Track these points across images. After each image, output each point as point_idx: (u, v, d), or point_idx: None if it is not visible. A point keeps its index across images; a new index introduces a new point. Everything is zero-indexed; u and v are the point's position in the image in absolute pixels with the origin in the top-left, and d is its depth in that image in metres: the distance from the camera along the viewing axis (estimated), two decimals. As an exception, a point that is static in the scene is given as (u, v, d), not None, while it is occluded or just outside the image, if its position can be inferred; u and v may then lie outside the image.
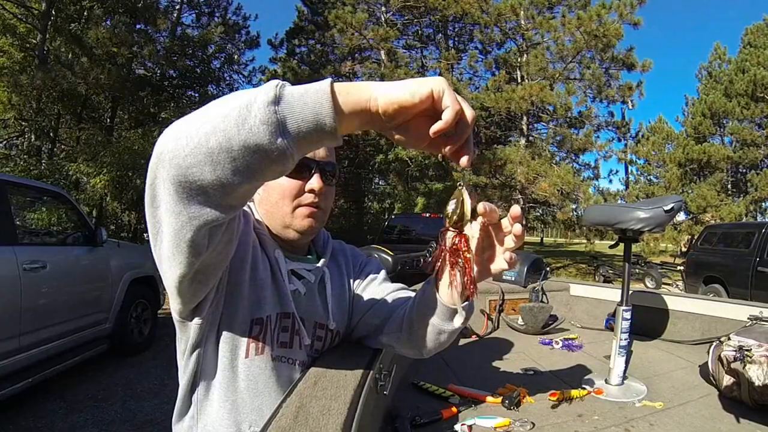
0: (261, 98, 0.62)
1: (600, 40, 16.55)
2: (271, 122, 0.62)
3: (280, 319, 1.05)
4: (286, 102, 0.62)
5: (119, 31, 13.42)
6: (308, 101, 0.63)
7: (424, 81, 0.65)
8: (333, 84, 0.65)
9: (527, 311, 2.47)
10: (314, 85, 0.64)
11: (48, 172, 11.54)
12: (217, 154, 0.63)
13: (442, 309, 0.94)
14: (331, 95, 0.63)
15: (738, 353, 1.53)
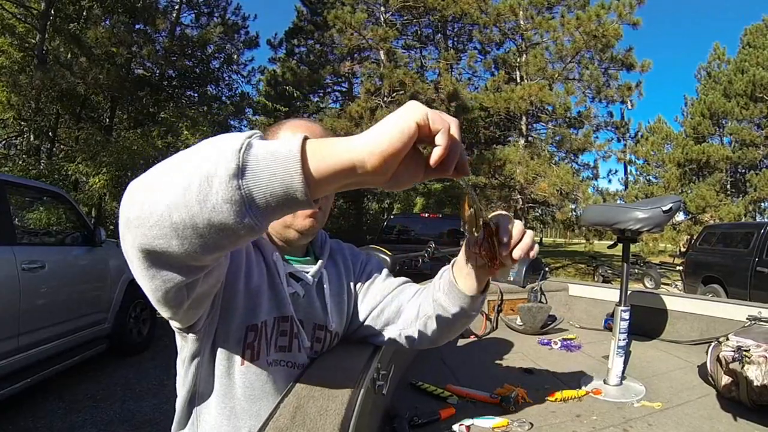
0: (222, 171, 0.54)
1: (599, 41, 16.58)
2: (235, 200, 0.54)
3: (278, 323, 1.05)
4: (251, 172, 0.54)
5: (118, 31, 13.42)
6: (277, 170, 0.55)
7: (404, 115, 0.58)
8: (305, 146, 0.57)
9: (526, 311, 2.47)
10: (284, 147, 0.56)
11: (47, 171, 11.53)
12: (182, 230, 0.57)
13: (463, 298, 1.00)
14: (302, 163, 0.55)
15: (736, 353, 1.53)
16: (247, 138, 0.56)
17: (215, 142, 0.58)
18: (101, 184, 11.56)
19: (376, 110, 16.92)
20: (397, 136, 0.56)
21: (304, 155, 0.56)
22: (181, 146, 14.05)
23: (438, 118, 0.59)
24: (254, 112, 19.95)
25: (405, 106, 0.60)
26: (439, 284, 1.07)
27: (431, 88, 17.17)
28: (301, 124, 1.11)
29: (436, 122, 0.58)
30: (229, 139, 0.57)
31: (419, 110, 0.58)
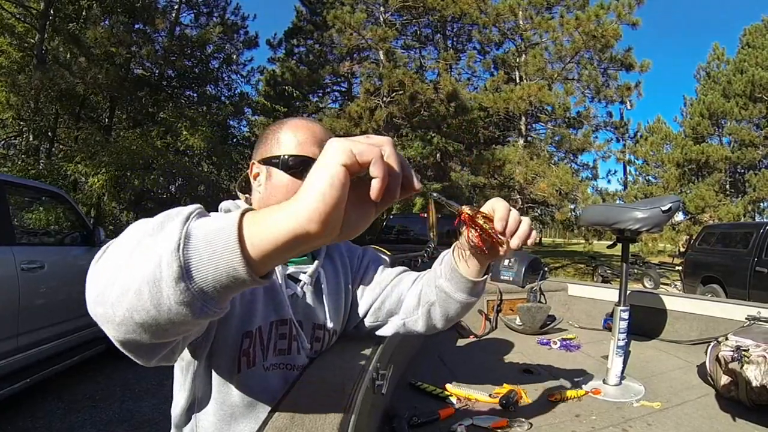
0: (167, 274, 0.51)
1: (598, 41, 16.59)
2: (187, 301, 0.53)
3: (276, 326, 1.05)
4: (195, 270, 0.52)
5: (117, 30, 13.43)
6: (219, 263, 0.52)
7: (328, 162, 0.53)
8: (242, 230, 0.53)
9: (525, 311, 2.47)
10: (221, 235, 0.53)
11: (46, 171, 11.52)
12: (147, 327, 0.56)
13: (466, 283, 1.03)
14: (241, 250, 0.52)
15: (735, 353, 1.54)
16: (184, 228, 0.54)
17: (154, 236, 0.56)
18: (100, 184, 11.57)
19: (375, 110, 16.92)
20: (327, 191, 0.51)
21: (242, 241, 0.53)
22: (181, 146, 14.08)
23: (365, 149, 0.53)
24: (253, 112, 19.93)
25: (325, 150, 0.54)
26: (440, 270, 1.08)
27: (430, 88, 17.16)
28: (302, 124, 1.11)
29: (364, 154, 0.52)
30: (166, 234, 0.54)
31: (341, 150, 0.52)
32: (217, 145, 15.20)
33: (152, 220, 0.59)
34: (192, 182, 14.50)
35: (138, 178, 12.26)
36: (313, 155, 1.04)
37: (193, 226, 0.54)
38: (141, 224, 0.60)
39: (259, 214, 0.55)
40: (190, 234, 0.53)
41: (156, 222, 0.58)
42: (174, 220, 0.55)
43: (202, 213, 0.59)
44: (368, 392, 1.02)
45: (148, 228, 0.58)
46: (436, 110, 17.12)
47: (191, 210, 0.57)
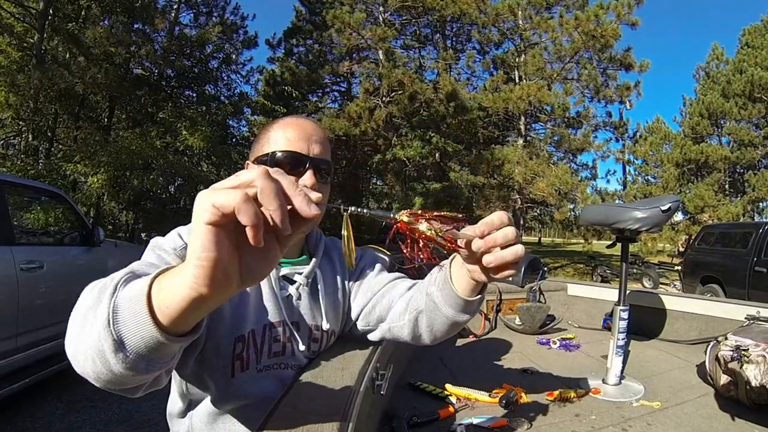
0: (107, 347, 0.56)
1: (598, 41, 16.61)
2: (131, 365, 0.57)
3: (269, 329, 1.05)
4: (127, 340, 0.55)
5: (117, 30, 13.42)
6: (143, 334, 0.55)
7: (194, 223, 0.48)
8: (151, 301, 0.54)
9: (525, 311, 2.47)
10: (137, 305, 0.54)
11: (45, 171, 11.51)
12: (115, 382, 0.61)
13: (458, 301, 0.91)
14: (155, 322, 0.54)
15: (735, 353, 1.54)
16: (111, 302, 0.57)
17: (95, 309, 0.59)
18: (100, 184, 11.56)
19: (374, 110, 16.92)
20: (201, 255, 0.48)
21: (153, 312, 0.54)
22: (180, 146, 14.07)
23: (225, 197, 0.46)
24: (253, 112, 19.92)
25: (194, 207, 0.49)
26: (435, 277, 0.99)
27: (430, 88, 17.17)
28: (291, 121, 1.11)
29: (224, 205, 0.46)
30: (100, 310, 0.57)
31: (201, 207, 0.47)
32: (216, 145, 15.19)
33: (96, 287, 0.64)
34: (191, 182, 14.50)
35: (137, 178, 12.25)
36: (301, 150, 1.05)
37: (119, 298, 0.57)
38: (88, 292, 0.65)
39: (164, 279, 0.55)
40: (117, 307, 0.56)
41: (96, 293, 0.62)
42: (105, 294, 0.59)
43: (131, 278, 0.62)
44: (368, 392, 1.02)
45: (91, 299, 0.62)
46: (435, 110, 17.12)
47: (119, 279, 0.61)
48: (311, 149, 1.06)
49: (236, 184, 0.48)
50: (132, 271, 0.65)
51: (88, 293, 0.64)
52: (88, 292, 0.64)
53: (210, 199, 0.46)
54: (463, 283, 0.88)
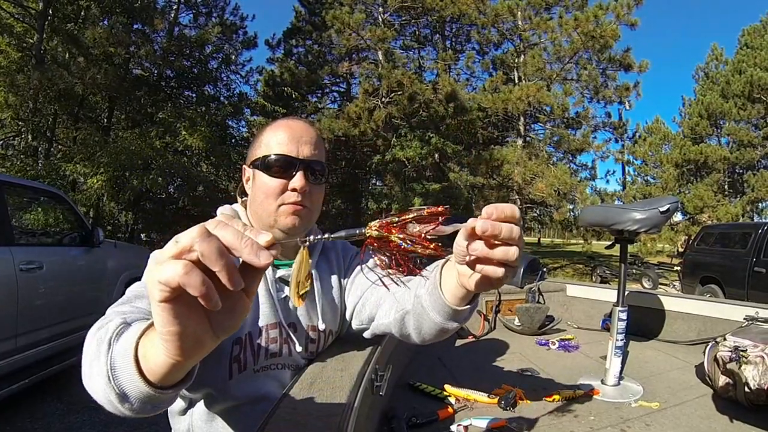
0: (113, 398, 0.61)
1: (597, 41, 16.60)
2: (138, 410, 0.62)
3: (266, 331, 1.05)
4: (129, 392, 0.59)
5: (116, 31, 13.40)
6: (139, 387, 0.58)
7: (150, 299, 0.47)
8: (138, 359, 0.57)
9: (524, 312, 2.47)
10: (128, 366, 0.58)
11: (45, 172, 11.50)
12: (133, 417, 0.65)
13: (446, 309, 0.85)
14: (145, 380, 0.57)
15: (734, 354, 1.54)
16: (108, 360, 0.61)
17: (98, 360, 0.64)
18: (99, 185, 11.55)
19: (374, 111, 16.91)
20: (163, 330, 0.48)
21: (142, 373, 0.57)
22: (180, 146, 14.06)
23: (170, 270, 0.44)
24: (252, 112, 19.90)
25: (146, 283, 0.50)
26: (426, 280, 0.92)
27: (429, 89, 17.15)
28: (282, 123, 1.11)
29: (171, 279, 0.44)
30: (100, 367, 0.62)
31: (151, 285, 0.46)
32: (215, 145, 15.16)
33: (96, 335, 0.68)
34: (191, 182, 14.47)
35: (137, 178, 12.22)
36: (290, 153, 1.05)
37: (114, 355, 0.61)
38: (91, 337, 0.70)
39: (146, 341, 0.57)
40: (114, 363, 0.61)
41: (95, 344, 0.66)
42: (102, 347, 0.64)
43: (123, 330, 0.65)
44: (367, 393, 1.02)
45: (93, 350, 0.66)
46: (434, 110, 17.11)
47: (113, 332, 0.65)
48: (301, 151, 1.06)
49: (176, 252, 0.45)
50: (124, 320, 0.68)
51: (91, 339, 0.69)
52: (91, 338, 0.69)
53: (156, 276, 0.45)
54: (453, 289, 0.81)
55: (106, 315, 0.77)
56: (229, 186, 16.67)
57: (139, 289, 0.87)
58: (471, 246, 0.64)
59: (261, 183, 1.07)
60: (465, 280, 0.74)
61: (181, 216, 15.38)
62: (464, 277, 0.74)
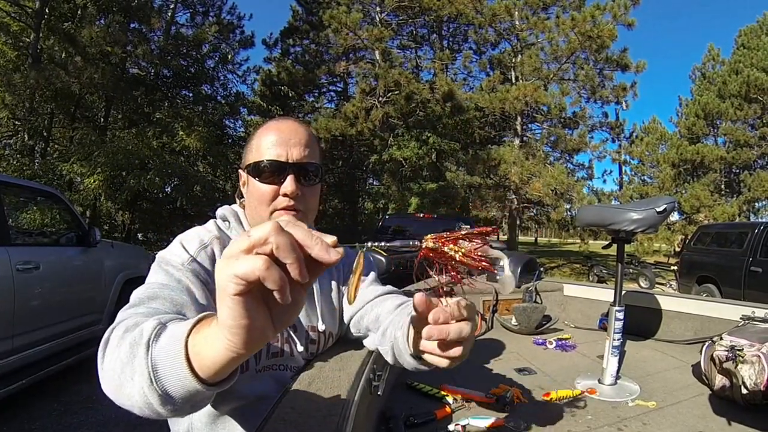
0: (154, 401, 0.61)
1: (594, 41, 16.62)
2: (178, 410, 0.63)
3: None
4: (173, 393, 0.60)
5: (113, 30, 13.36)
6: (187, 386, 0.58)
7: (220, 293, 0.48)
8: (189, 356, 0.57)
9: (521, 311, 2.48)
10: (177, 364, 0.58)
11: (41, 171, 11.48)
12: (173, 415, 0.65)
13: (409, 358, 0.88)
14: (194, 376, 0.57)
15: (730, 353, 1.55)
16: (149, 361, 0.61)
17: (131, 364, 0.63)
18: (96, 185, 11.53)
19: (371, 110, 16.93)
20: (236, 324, 0.49)
21: (193, 370, 0.57)
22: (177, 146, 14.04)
23: (245, 267, 0.46)
24: (249, 112, 19.88)
25: (217, 278, 0.49)
26: (403, 320, 0.95)
27: (426, 89, 17.18)
28: (272, 126, 1.10)
29: (251, 273, 0.45)
30: (138, 368, 0.61)
31: (225, 280, 0.47)
32: (213, 145, 15.16)
33: (125, 339, 0.67)
34: (188, 182, 14.44)
35: (134, 178, 12.19)
36: (279, 157, 1.04)
37: (156, 356, 0.60)
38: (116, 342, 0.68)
39: (199, 338, 0.57)
40: (156, 365, 0.60)
41: (127, 347, 0.64)
42: (139, 349, 0.62)
43: (161, 330, 0.64)
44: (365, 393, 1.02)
45: (125, 353, 0.64)
46: (432, 110, 17.13)
47: (150, 334, 0.63)
48: (290, 154, 1.05)
49: (249, 245, 0.47)
50: (159, 321, 0.66)
51: (119, 344, 0.67)
52: (117, 342, 0.67)
53: (232, 270, 0.46)
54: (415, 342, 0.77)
55: (122, 319, 0.75)
56: (226, 186, 16.66)
57: (151, 290, 0.87)
58: (421, 343, 0.69)
59: (254, 189, 1.06)
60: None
61: (178, 216, 15.36)
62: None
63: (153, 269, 0.95)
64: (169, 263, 0.95)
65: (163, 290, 0.86)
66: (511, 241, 18.83)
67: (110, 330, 0.73)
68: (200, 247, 0.99)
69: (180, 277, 0.92)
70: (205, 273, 0.96)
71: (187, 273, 0.93)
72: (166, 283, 0.90)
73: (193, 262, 0.95)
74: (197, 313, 0.81)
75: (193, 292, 0.91)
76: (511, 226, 19.47)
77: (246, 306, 0.48)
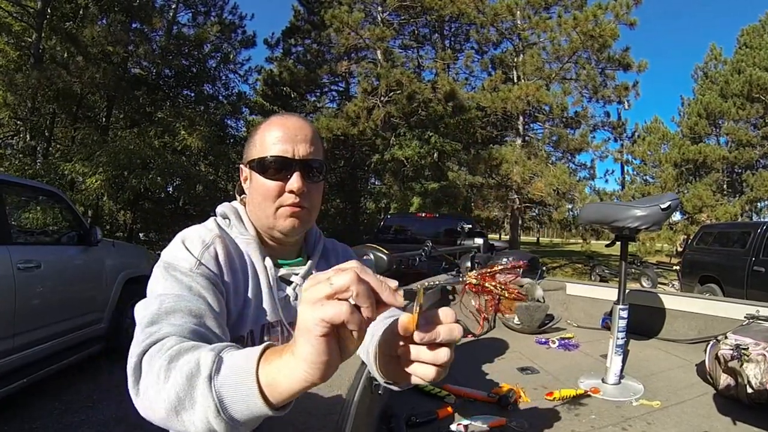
0: (220, 428, 0.62)
1: (596, 41, 16.61)
2: (249, 427, 0.64)
3: (267, 330, 1.04)
4: (240, 419, 0.62)
5: (115, 29, 13.35)
6: (254, 411, 0.61)
7: (306, 334, 0.55)
8: (261, 388, 0.60)
9: (523, 310, 2.46)
10: (250, 397, 0.60)
11: (43, 171, 11.46)
12: None
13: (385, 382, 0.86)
14: (265, 402, 0.60)
15: (735, 352, 1.53)
16: (213, 393, 0.61)
17: (191, 396, 0.64)
18: (98, 184, 11.51)
19: (372, 110, 16.93)
20: (318, 360, 0.55)
21: (266, 398, 0.60)
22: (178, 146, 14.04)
23: (335, 310, 0.53)
24: (251, 111, 19.88)
25: (301, 317, 0.55)
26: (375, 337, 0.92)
27: (428, 88, 17.17)
28: (276, 121, 1.07)
29: (337, 318, 0.53)
30: (197, 398, 0.63)
31: (314, 321, 0.53)
32: (214, 144, 15.14)
33: (180, 369, 0.67)
34: (190, 182, 14.42)
35: (136, 177, 12.17)
36: (286, 153, 1.02)
37: (221, 387, 0.62)
38: (162, 373, 0.69)
39: (270, 368, 0.60)
40: (222, 396, 0.61)
41: (184, 379, 0.65)
42: (198, 382, 0.63)
43: (219, 363, 0.64)
44: (366, 392, 1.01)
45: (180, 385, 0.65)
46: (433, 110, 17.13)
47: (210, 367, 0.63)
48: (296, 150, 1.03)
49: (332, 292, 0.54)
50: (215, 350, 0.67)
51: (165, 374, 0.68)
52: (163, 373, 0.68)
53: (319, 314, 0.53)
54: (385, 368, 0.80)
55: (149, 342, 0.77)
56: (228, 186, 16.65)
57: (168, 304, 0.84)
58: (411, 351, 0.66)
59: (258, 185, 1.04)
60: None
61: (180, 216, 15.35)
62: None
63: (160, 275, 0.93)
64: (176, 269, 0.93)
65: (179, 302, 0.84)
66: (513, 240, 18.83)
67: (138, 354, 0.75)
68: (203, 248, 0.97)
69: (190, 284, 0.90)
70: (213, 275, 0.95)
71: (197, 278, 0.91)
72: (180, 293, 0.87)
73: (201, 266, 0.94)
74: (215, 321, 0.86)
75: (206, 297, 0.89)
76: (513, 225, 19.48)
77: (328, 345, 0.54)
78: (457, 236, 4.69)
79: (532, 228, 37.39)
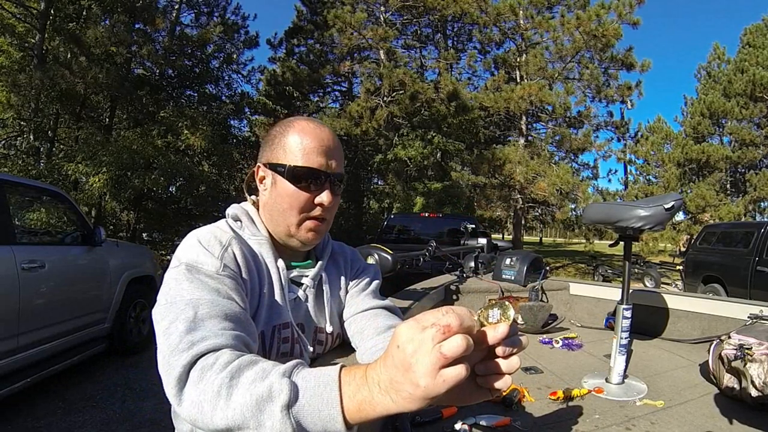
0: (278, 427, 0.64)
1: (599, 40, 16.61)
2: None
3: (278, 330, 1.04)
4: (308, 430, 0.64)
5: (118, 30, 13.37)
6: (329, 428, 0.63)
7: (428, 365, 0.55)
8: (345, 415, 0.63)
9: (527, 310, 2.46)
10: (326, 416, 0.63)
11: (46, 171, 11.49)
12: None
13: None
14: (345, 425, 0.63)
15: (738, 352, 1.53)
16: (291, 419, 0.63)
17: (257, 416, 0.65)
18: (101, 184, 11.54)
19: (375, 110, 16.93)
20: (434, 393, 0.56)
21: (347, 421, 0.63)
22: (181, 146, 14.07)
23: (456, 345, 0.54)
24: (254, 111, 19.92)
25: (414, 358, 0.56)
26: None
27: (431, 88, 17.18)
28: (309, 129, 1.04)
29: (457, 352, 0.55)
30: (272, 420, 0.64)
31: (436, 356, 0.55)
32: (217, 144, 15.15)
33: (230, 385, 0.69)
34: (193, 182, 14.45)
35: (139, 177, 12.21)
36: (320, 166, 1.01)
37: (301, 412, 0.64)
38: (225, 390, 0.69)
39: (358, 396, 0.62)
40: (302, 421, 0.64)
41: (254, 404, 0.65)
42: (274, 406, 0.64)
43: (294, 388, 0.66)
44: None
45: (249, 409, 0.65)
46: (436, 110, 17.13)
47: (288, 396, 0.64)
48: (330, 164, 1.02)
49: (448, 358, 0.55)
50: (283, 373, 0.68)
51: (228, 390, 0.68)
52: (225, 389, 0.68)
53: (440, 350, 0.54)
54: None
55: (196, 353, 0.75)
56: (230, 187, 16.68)
57: (203, 310, 0.83)
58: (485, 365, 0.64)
59: (285, 192, 1.03)
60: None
61: (183, 216, 15.38)
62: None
63: (183, 278, 0.89)
64: (201, 272, 0.91)
65: (214, 307, 0.83)
66: (515, 240, 18.83)
67: (183, 364, 0.73)
68: (222, 249, 0.95)
69: (218, 287, 0.89)
70: (237, 275, 0.95)
71: (224, 280, 0.91)
72: (210, 299, 0.85)
73: (226, 268, 0.93)
74: (248, 321, 0.89)
75: (235, 299, 0.89)
76: (516, 225, 19.46)
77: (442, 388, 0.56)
78: (461, 236, 4.69)
79: (535, 228, 37.34)
